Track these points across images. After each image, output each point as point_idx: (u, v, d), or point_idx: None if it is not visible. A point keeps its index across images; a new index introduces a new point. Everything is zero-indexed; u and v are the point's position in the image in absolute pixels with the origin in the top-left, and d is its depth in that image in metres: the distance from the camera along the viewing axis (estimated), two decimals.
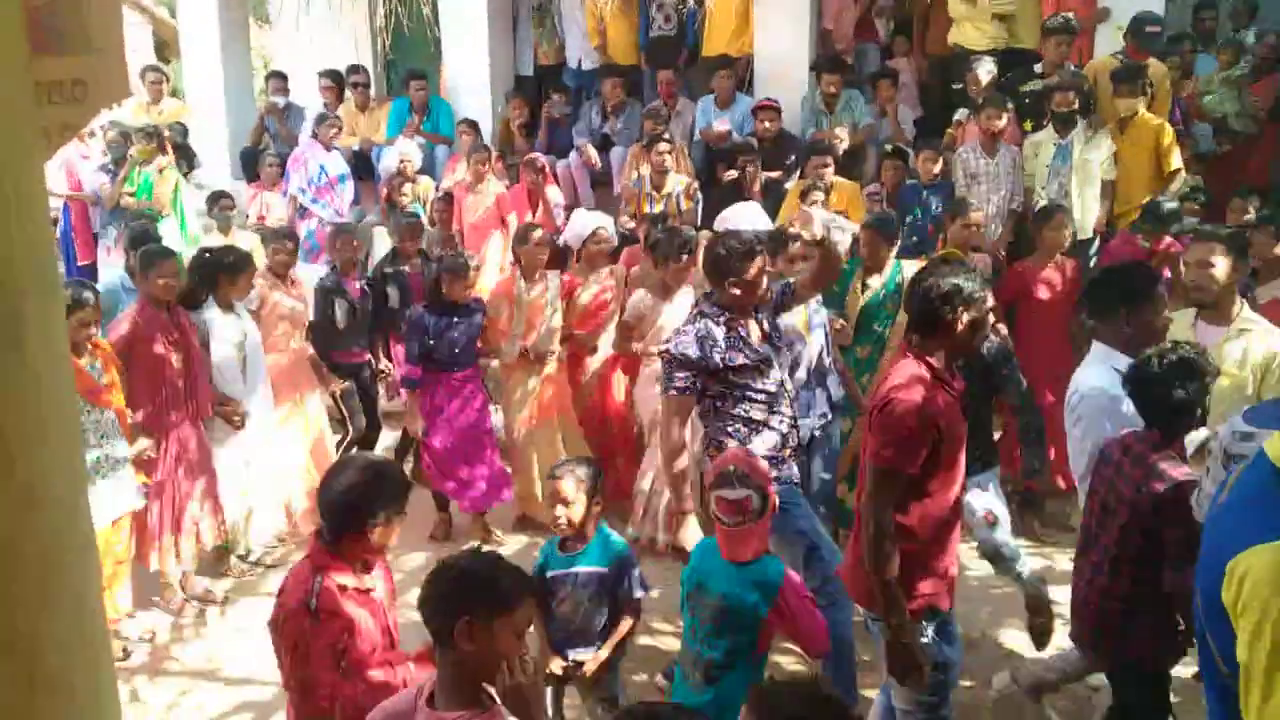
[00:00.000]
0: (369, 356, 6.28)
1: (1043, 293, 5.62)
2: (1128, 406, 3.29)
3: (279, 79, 9.21)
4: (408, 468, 6.43)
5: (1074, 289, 5.54)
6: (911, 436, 2.92)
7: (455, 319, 5.53)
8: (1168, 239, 5.64)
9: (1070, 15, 6.92)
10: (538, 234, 5.78)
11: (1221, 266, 3.89)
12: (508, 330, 5.71)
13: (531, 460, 5.79)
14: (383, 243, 7.62)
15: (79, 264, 8.38)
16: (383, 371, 6.37)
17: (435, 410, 5.62)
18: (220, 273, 5.19)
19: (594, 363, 5.95)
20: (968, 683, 3.95)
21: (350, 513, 2.68)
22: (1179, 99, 7.05)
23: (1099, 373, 3.51)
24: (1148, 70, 6.50)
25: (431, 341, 5.48)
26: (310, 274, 6.38)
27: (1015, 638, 4.59)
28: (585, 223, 6.06)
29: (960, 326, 3.00)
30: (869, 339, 5.16)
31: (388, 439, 6.67)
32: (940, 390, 2.98)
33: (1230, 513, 1.94)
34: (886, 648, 3.02)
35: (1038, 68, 7.11)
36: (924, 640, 3.08)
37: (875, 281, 5.17)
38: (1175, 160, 6.31)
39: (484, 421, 5.74)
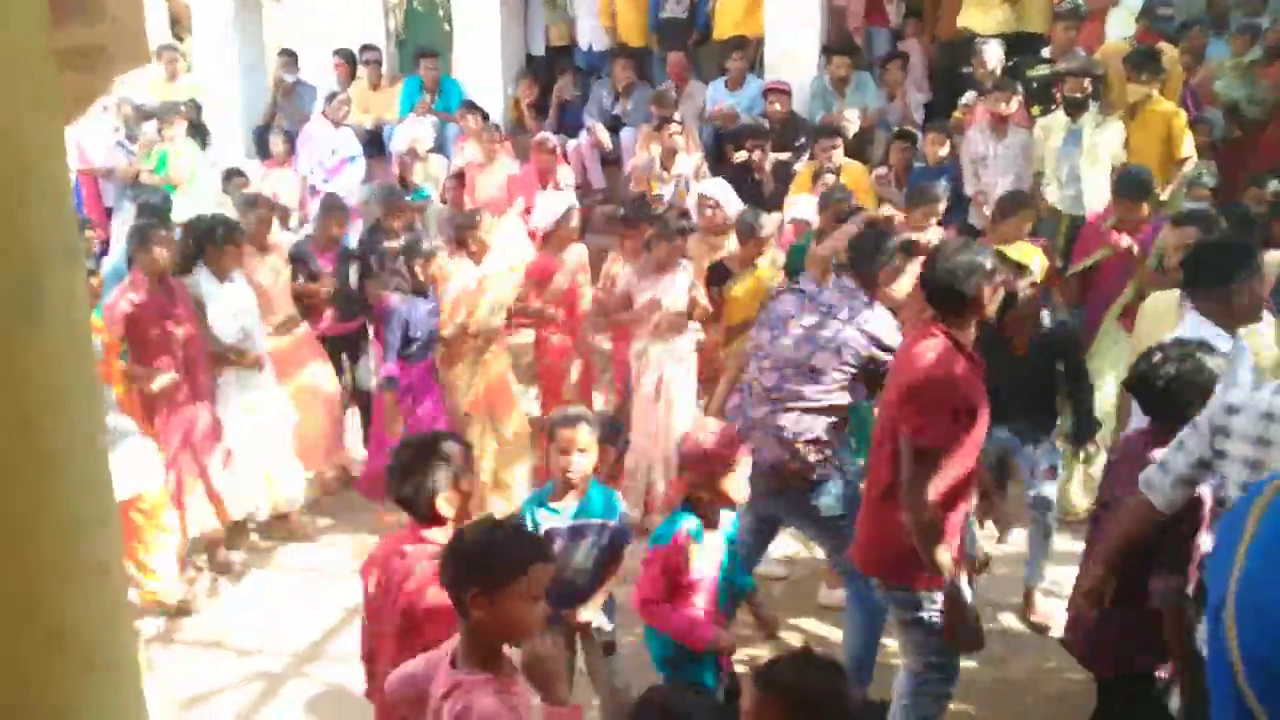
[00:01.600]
0: (356, 327, 6.19)
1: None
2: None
3: (289, 56, 9.22)
4: None
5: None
6: (952, 414, 3.00)
7: (424, 301, 5.33)
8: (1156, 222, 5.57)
9: (1079, 1, 6.90)
10: (482, 221, 5.64)
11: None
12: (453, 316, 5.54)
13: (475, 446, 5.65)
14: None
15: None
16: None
17: (414, 403, 5.36)
18: (209, 243, 5.09)
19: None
20: (972, 663, 3.99)
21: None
22: (1190, 84, 7.02)
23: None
24: (1162, 56, 6.47)
25: (417, 333, 5.27)
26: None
27: (1016, 615, 4.63)
28: (556, 205, 6.06)
29: (985, 300, 3.08)
30: None
31: None
32: (966, 363, 3.05)
33: (1275, 559, 1.87)
34: (946, 612, 3.10)
35: (1045, 52, 7.08)
36: (932, 607, 3.16)
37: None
38: (1187, 147, 6.29)
39: (440, 413, 5.48)
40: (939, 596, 3.15)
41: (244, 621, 4.87)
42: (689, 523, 3.19)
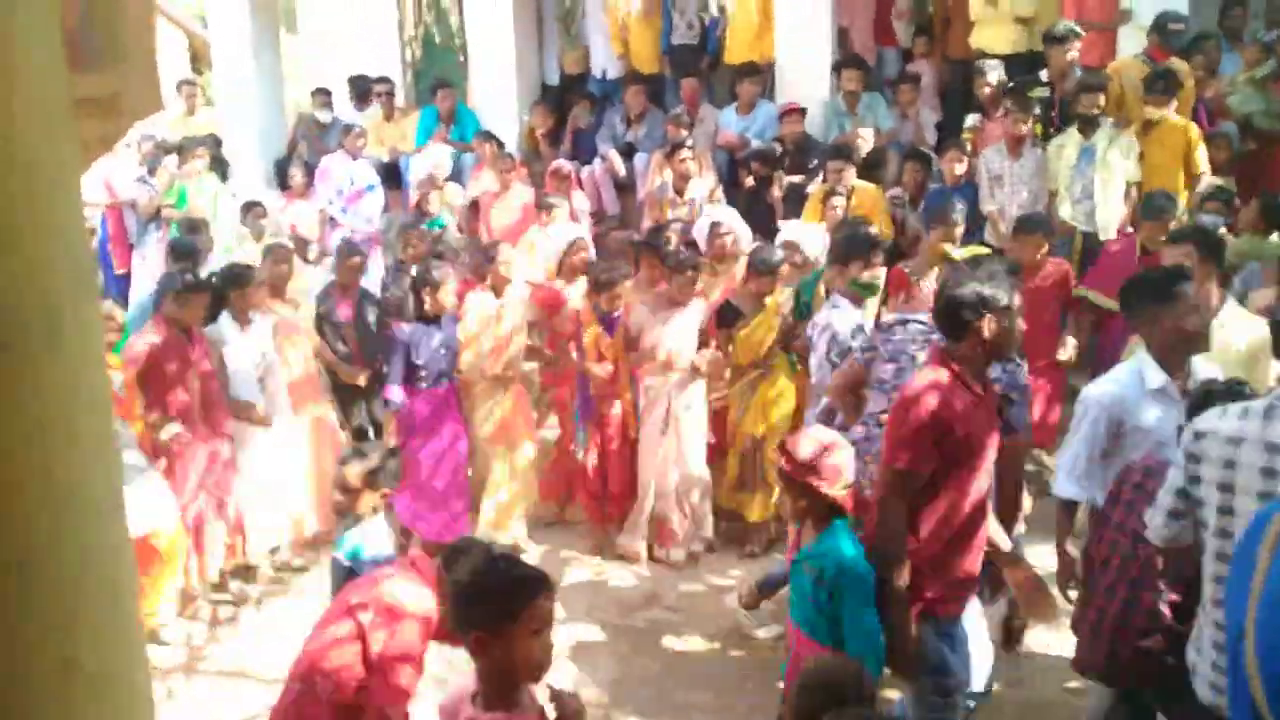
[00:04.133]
0: (375, 370, 6.10)
1: (1030, 296, 5.48)
2: (1143, 416, 3.29)
3: (324, 95, 9.32)
4: None
5: (1064, 289, 5.53)
6: (922, 439, 2.95)
7: (436, 332, 5.36)
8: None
9: (1073, 24, 6.92)
10: (503, 253, 5.73)
11: (1197, 268, 3.89)
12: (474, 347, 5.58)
13: (485, 479, 5.66)
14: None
15: (116, 273, 8.55)
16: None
17: (412, 430, 5.37)
18: (227, 289, 5.23)
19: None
20: (997, 685, 3.96)
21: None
22: (1204, 98, 7.01)
23: (1119, 372, 3.51)
24: (1179, 77, 6.47)
25: (419, 360, 5.30)
26: (310, 277, 6.40)
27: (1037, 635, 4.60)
28: (564, 234, 6.11)
29: (986, 332, 3.00)
30: None
31: None
32: (960, 394, 2.99)
33: None
34: (886, 641, 3.03)
35: (1043, 74, 7.10)
36: (922, 641, 3.10)
37: None
38: (1202, 163, 6.28)
39: (459, 445, 5.49)
40: (928, 630, 3.10)
41: (266, 650, 4.89)
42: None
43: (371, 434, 6.22)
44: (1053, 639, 4.57)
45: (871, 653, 2.98)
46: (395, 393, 5.33)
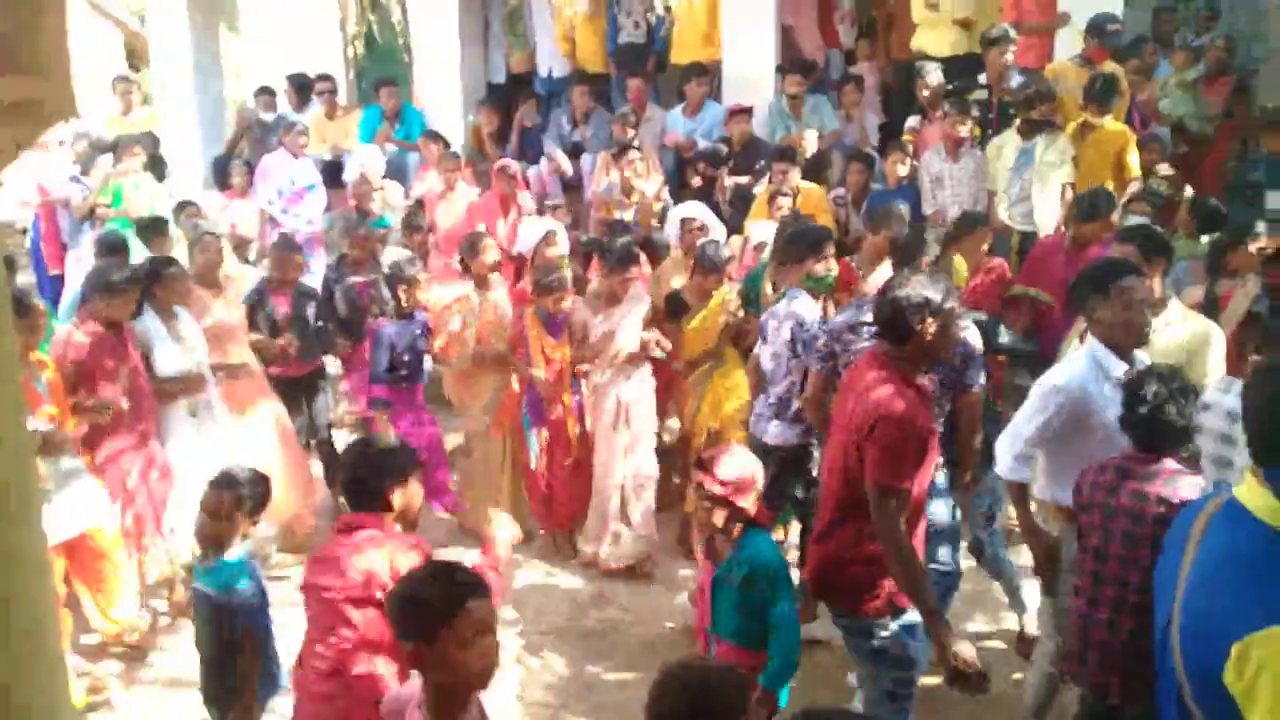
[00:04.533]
0: (313, 368, 6.07)
1: (970, 293, 5.50)
2: (1106, 407, 3.32)
3: (268, 95, 9.20)
4: None
5: (1002, 287, 5.60)
6: (909, 453, 3.01)
7: (411, 329, 5.46)
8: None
9: (1008, 26, 7.05)
10: (486, 243, 5.76)
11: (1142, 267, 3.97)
12: (461, 340, 5.65)
13: (484, 471, 5.75)
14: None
15: (49, 274, 8.34)
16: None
17: (403, 423, 5.46)
18: (153, 283, 5.07)
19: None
20: (935, 679, 4.02)
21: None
22: (1137, 101, 7.18)
23: (1076, 362, 3.55)
24: (1118, 83, 6.61)
25: (405, 356, 5.40)
26: (250, 278, 6.27)
27: (985, 629, 4.68)
28: (536, 229, 6.10)
29: (929, 335, 3.05)
30: None
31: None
32: (912, 395, 3.05)
33: (1219, 572, 1.85)
34: (940, 654, 3.04)
35: (981, 77, 7.23)
36: (884, 635, 3.15)
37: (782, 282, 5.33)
38: (1134, 166, 6.43)
39: (436, 432, 5.67)
40: (891, 624, 3.16)
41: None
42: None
43: (314, 440, 6.16)
44: (997, 631, 4.67)
45: (796, 645, 3.16)
46: (380, 391, 5.40)
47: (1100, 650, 3.07)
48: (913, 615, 3.16)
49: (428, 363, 5.74)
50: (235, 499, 3.41)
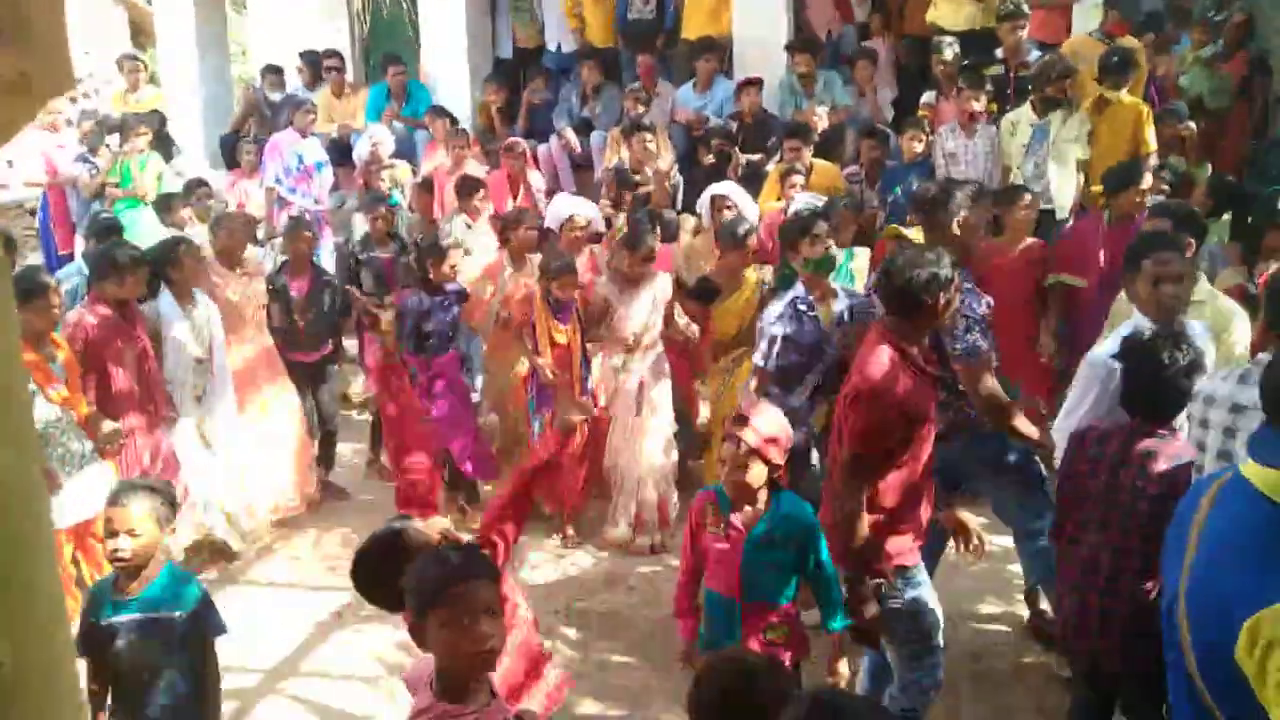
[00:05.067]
0: (325, 353, 6.11)
1: (1007, 272, 5.42)
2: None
3: (276, 73, 9.13)
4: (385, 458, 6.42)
5: (1040, 269, 5.52)
6: (883, 424, 3.05)
7: (443, 301, 5.55)
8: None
9: (1022, 1, 6.95)
10: (529, 219, 5.84)
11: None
12: (487, 307, 5.74)
13: (515, 441, 5.82)
14: (363, 229, 7.58)
15: (59, 253, 8.33)
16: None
17: (433, 393, 5.56)
18: (168, 265, 5.09)
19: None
20: (950, 658, 4.00)
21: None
22: (1155, 77, 7.08)
23: (1115, 336, 3.53)
24: (1135, 57, 6.51)
25: (429, 326, 5.46)
26: (258, 257, 6.33)
27: (993, 610, 4.65)
28: (564, 208, 6.07)
29: (939, 311, 3.10)
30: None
31: (351, 432, 6.65)
32: (908, 372, 3.07)
33: (1226, 552, 1.84)
34: (848, 602, 3.19)
35: (998, 52, 7.14)
36: (895, 595, 3.23)
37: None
38: (1150, 141, 6.34)
39: (469, 403, 5.77)
40: (898, 583, 3.22)
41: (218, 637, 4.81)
42: (711, 494, 3.23)
43: (320, 426, 6.17)
44: (1005, 613, 4.64)
45: (840, 596, 3.21)
46: (410, 359, 5.45)
47: (1097, 621, 3.05)
48: (917, 571, 3.26)
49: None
50: (160, 507, 3.03)
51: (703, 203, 6.30)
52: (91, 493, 4.39)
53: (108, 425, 4.61)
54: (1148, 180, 5.30)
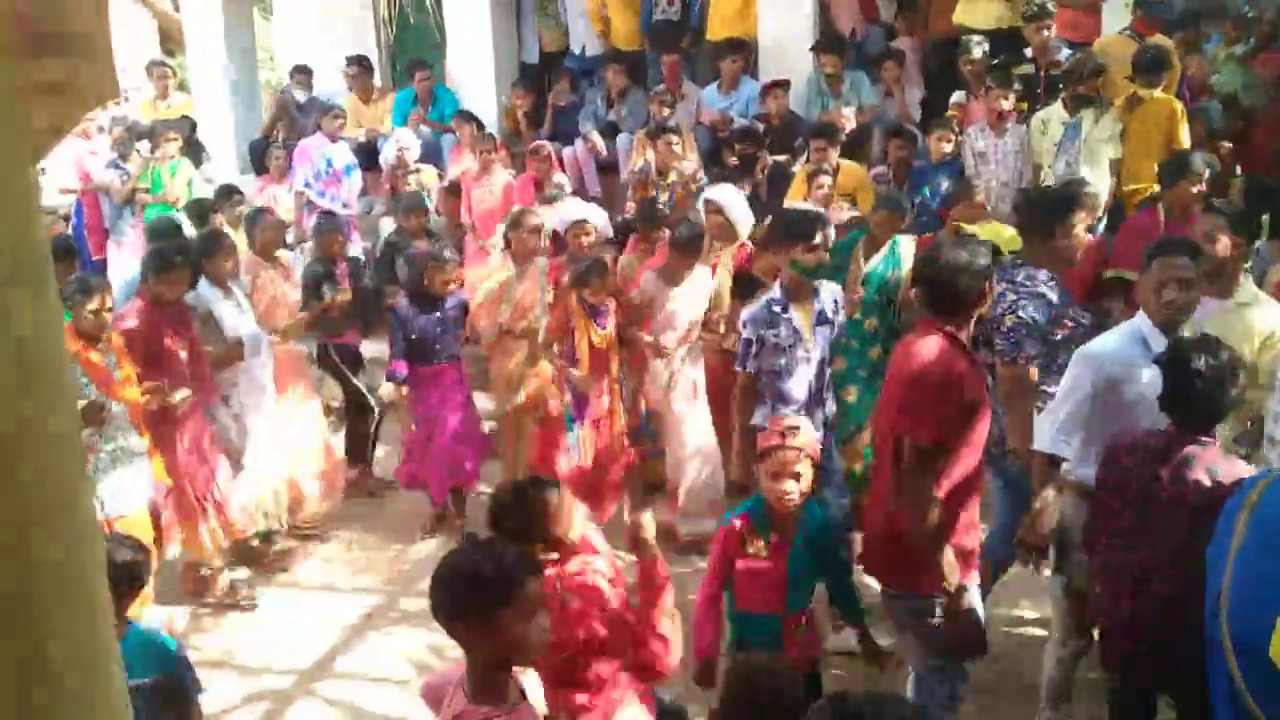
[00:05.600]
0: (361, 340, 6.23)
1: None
2: (1142, 379, 3.23)
3: (304, 73, 9.19)
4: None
5: (1097, 264, 5.45)
6: (949, 413, 3.02)
7: (435, 312, 5.50)
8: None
9: (1044, 2, 6.90)
10: (530, 219, 5.78)
11: (1224, 240, 3.93)
12: (492, 312, 5.70)
13: (517, 445, 5.78)
14: (391, 229, 7.62)
15: (93, 259, 8.43)
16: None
17: (416, 403, 5.58)
18: (204, 257, 5.21)
19: None
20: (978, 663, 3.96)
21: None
22: (1187, 75, 7.00)
23: (1118, 332, 3.49)
24: (1169, 56, 6.44)
25: (414, 335, 5.44)
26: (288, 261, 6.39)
27: (1021, 616, 4.61)
28: (572, 212, 6.06)
29: (977, 302, 3.12)
30: (874, 312, 5.23)
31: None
32: (960, 357, 3.07)
33: (1267, 548, 1.85)
34: (946, 616, 3.08)
35: (1028, 51, 7.09)
36: (935, 612, 3.14)
37: (875, 257, 5.29)
38: (1184, 138, 6.26)
39: (470, 410, 5.72)
40: (940, 600, 3.14)
41: (250, 641, 4.85)
42: (746, 517, 3.20)
43: (372, 402, 6.21)
44: (1032, 614, 4.59)
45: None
46: (399, 368, 5.47)
47: (1133, 631, 2.99)
48: (969, 584, 3.17)
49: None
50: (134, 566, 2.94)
51: (696, 209, 6.27)
52: (132, 487, 4.47)
53: (180, 393, 4.71)
54: (1202, 170, 5.20)
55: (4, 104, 0.93)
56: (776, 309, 4.44)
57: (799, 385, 4.46)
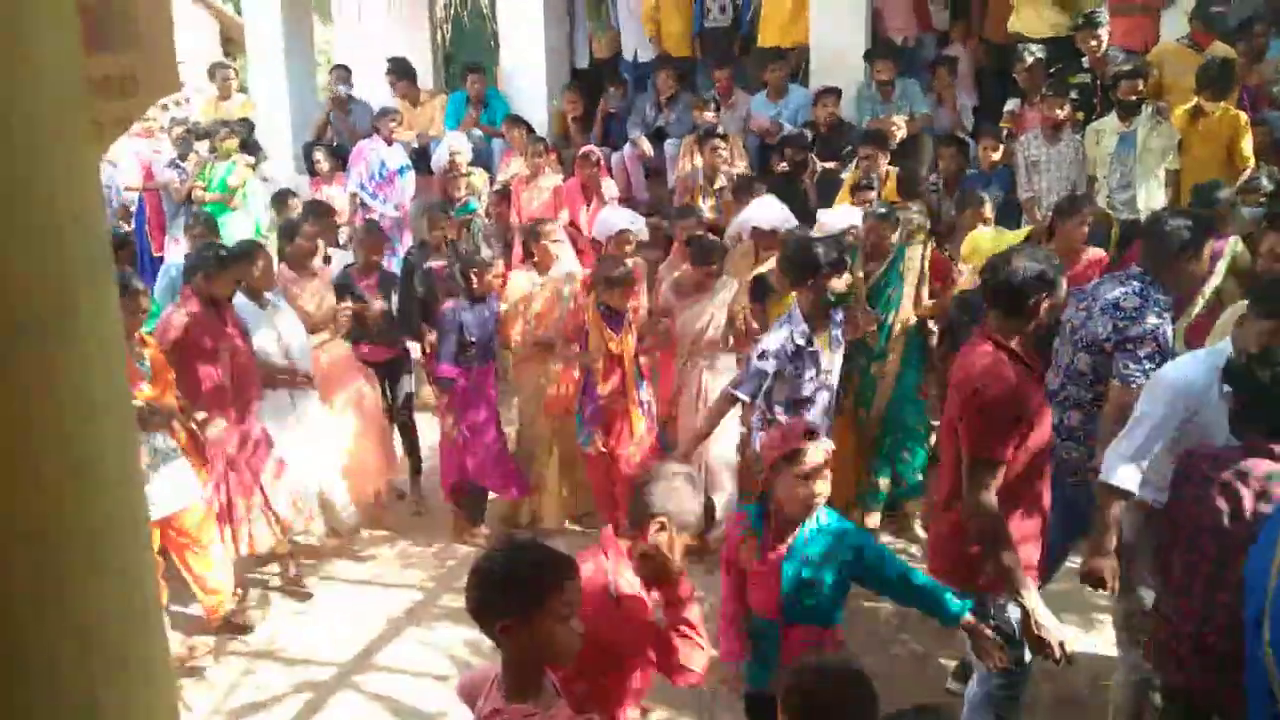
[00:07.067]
0: (398, 353, 6.21)
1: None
2: (1210, 413, 3.13)
3: (342, 71, 9.34)
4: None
5: None
6: (1007, 425, 3.06)
7: (484, 312, 5.56)
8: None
9: (1101, 10, 6.81)
10: (549, 228, 5.81)
11: None
12: (524, 323, 5.72)
13: (539, 454, 5.79)
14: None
15: (153, 255, 8.63)
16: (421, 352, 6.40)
17: (469, 405, 5.58)
18: (233, 265, 5.14)
19: None
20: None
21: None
22: (1247, 85, 6.85)
23: (1199, 356, 3.36)
24: (1235, 70, 6.31)
25: (472, 338, 5.47)
26: (340, 262, 6.39)
27: (1072, 631, 4.53)
28: (613, 221, 6.08)
29: (1042, 310, 3.15)
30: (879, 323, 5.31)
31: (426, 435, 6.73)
32: (1011, 366, 3.10)
33: None
34: (1023, 624, 3.11)
35: (1085, 60, 7.00)
36: (998, 613, 3.19)
37: (874, 268, 5.33)
38: (1247, 151, 6.14)
39: (495, 415, 5.73)
40: (1003, 601, 3.17)
41: (293, 632, 4.93)
42: (744, 516, 3.18)
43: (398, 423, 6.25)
44: (1082, 632, 4.52)
45: (937, 586, 3.06)
46: (449, 370, 5.47)
47: (1194, 654, 2.91)
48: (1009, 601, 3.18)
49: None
50: None
51: (742, 223, 6.20)
52: (176, 488, 4.53)
53: (214, 428, 4.77)
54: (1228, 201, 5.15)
55: (73, 92, 0.96)
56: (802, 343, 4.43)
57: (819, 413, 4.54)
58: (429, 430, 6.52)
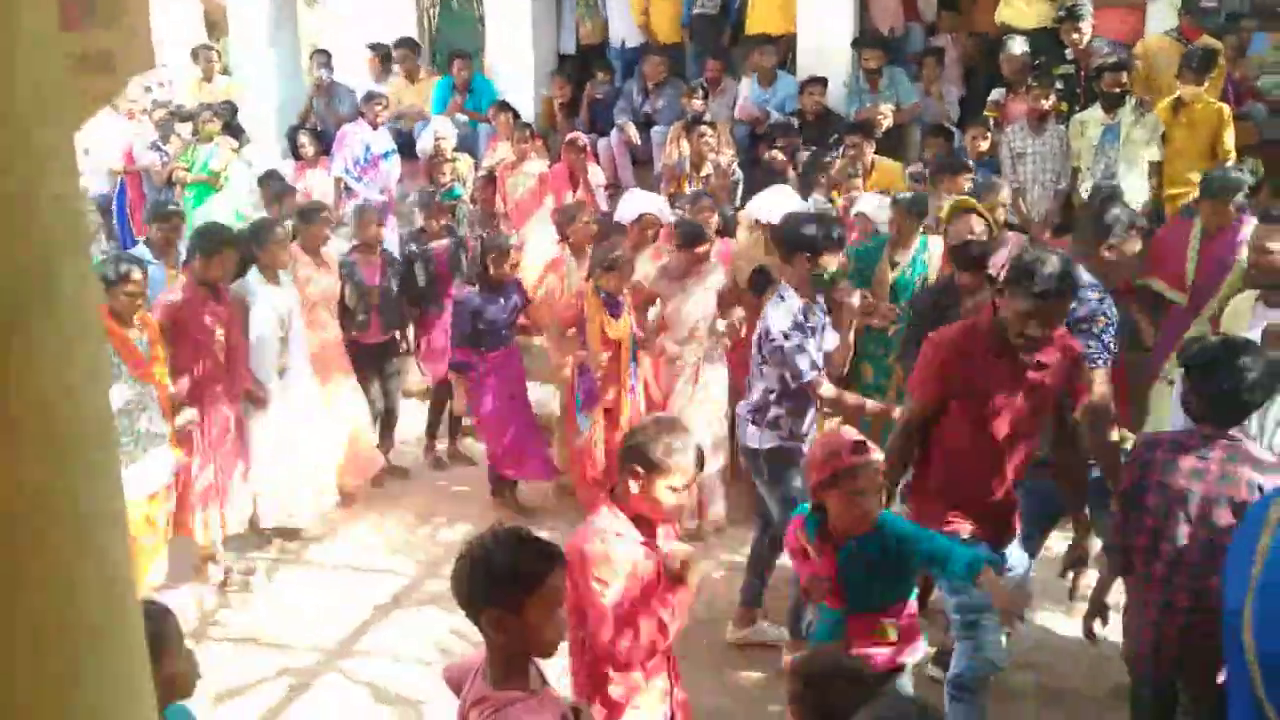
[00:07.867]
0: (391, 337, 6.26)
1: None
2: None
3: (323, 55, 9.28)
4: (441, 447, 6.51)
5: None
6: (927, 366, 3.33)
7: (500, 298, 5.63)
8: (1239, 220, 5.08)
9: (1079, 3, 6.81)
10: (586, 213, 5.86)
11: None
12: (551, 306, 5.77)
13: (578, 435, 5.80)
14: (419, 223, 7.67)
15: (135, 238, 8.57)
16: (404, 349, 6.46)
17: (483, 390, 5.67)
18: (256, 245, 5.24)
19: None
20: (1020, 673, 3.95)
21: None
22: (1232, 78, 6.89)
23: None
24: (1219, 57, 6.34)
25: (482, 325, 5.54)
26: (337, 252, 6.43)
27: (1053, 628, 4.57)
28: (634, 206, 6.06)
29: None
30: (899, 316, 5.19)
31: (413, 420, 6.74)
32: (985, 344, 3.24)
33: None
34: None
35: (1069, 52, 7.01)
36: None
37: (902, 258, 5.23)
38: (1228, 143, 6.17)
39: (525, 397, 5.84)
40: None
41: (276, 618, 4.92)
42: (801, 521, 3.12)
43: (382, 408, 6.26)
44: (1069, 623, 4.55)
45: (971, 551, 3.02)
46: (465, 357, 5.57)
47: (1168, 636, 2.94)
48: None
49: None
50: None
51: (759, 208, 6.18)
52: (155, 468, 4.53)
53: (185, 415, 4.75)
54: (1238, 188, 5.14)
55: (52, 72, 0.95)
56: (802, 318, 4.23)
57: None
58: (415, 419, 6.54)
